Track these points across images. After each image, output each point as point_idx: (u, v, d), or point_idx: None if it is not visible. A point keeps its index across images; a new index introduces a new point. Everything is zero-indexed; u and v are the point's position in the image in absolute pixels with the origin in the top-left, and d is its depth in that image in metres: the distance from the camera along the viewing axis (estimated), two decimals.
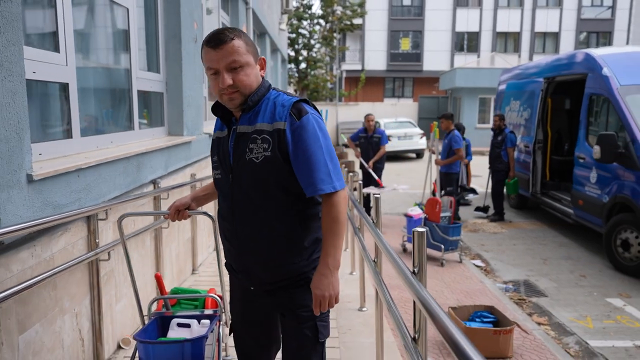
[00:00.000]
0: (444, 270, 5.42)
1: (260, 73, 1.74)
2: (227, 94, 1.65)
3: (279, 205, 1.69)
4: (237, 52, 1.61)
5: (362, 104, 24.00)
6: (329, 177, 1.63)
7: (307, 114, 1.66)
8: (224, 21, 7.16)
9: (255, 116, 1.70)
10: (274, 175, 1.65)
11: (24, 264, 2.05)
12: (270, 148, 1.63)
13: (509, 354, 3.44)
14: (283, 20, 15.05)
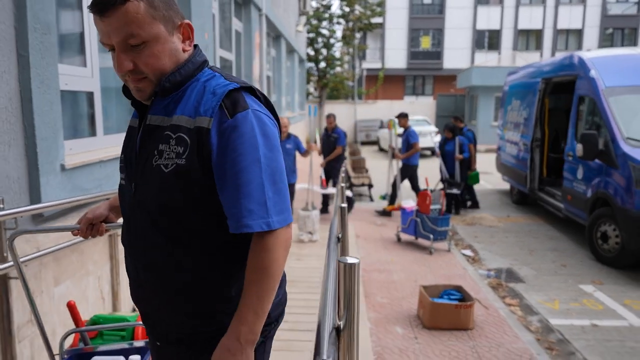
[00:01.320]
0: (432, 257, 5.90)
1: (183, 46, 1.23)
2: (132, 82, 1.19)
3: (195, 237, 1.21)
4: (134, 22, 1.11)
5: (381, 102, 24.40)
6: (263, 207, 1.13)
7: (246, 110, 1.16)
8: (237, 28, 7.76)
9: (175, 104, 1.21)
10: (188, 193, 1.17)
11: (58, 233, 2.67)
12: (186, 154, 1.15)
13: (469, 325, 3.92)
14: (300, 22, 15.60)
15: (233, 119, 1.15)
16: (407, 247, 6.36)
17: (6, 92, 2.29)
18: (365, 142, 22.96)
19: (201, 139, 1.16)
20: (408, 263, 5.68)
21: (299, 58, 16.38)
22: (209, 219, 1.21)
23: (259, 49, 8.89)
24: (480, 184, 11.58)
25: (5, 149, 2.29)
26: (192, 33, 1.27)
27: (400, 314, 4.23)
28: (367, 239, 6.72)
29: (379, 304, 4.44)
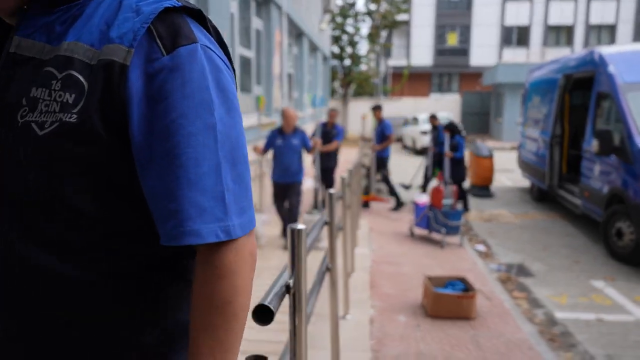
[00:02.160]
0: (443, 251, 5.98)
1: None
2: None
3: (94, 246, 0.75)
4: None
5: (405, 99, 24.34)
6: (220, 204, 0.71)
7: (194, 44, 0.73)
8: (257, 26, 7.98)
9: (65, 24, 0.75)
10: (79, 176, 0.72)
11: None
12: (80, 106, 0.70)
13: (471, 315, 4.01)
14: (324, 19, 15.76)
15: (171, 55, 0.70)
16: (420, 241, 6.45)
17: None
18: None
19: (111, 82, 0.69)
20: (418, 256, 5.78)
21: (323, 56, 16.54)
22: (119, 222, 0.75)
23: (280, 47, 9.09)
24: (501, 181, 11.52)
25: None
26: None
27: (406, 304, 4.35)
28: (381, 233, 6.83)
29: (385, 294, 4.56)
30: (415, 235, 6.63)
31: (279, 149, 5.67)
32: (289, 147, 5.66)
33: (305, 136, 5.87)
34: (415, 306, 4.29)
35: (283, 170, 5.66)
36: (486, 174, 9.71)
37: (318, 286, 1.90)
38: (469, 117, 23.50)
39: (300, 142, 5.77)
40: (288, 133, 5.71)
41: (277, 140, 5.69)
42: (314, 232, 1.91)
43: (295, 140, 5.71)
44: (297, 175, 5.79)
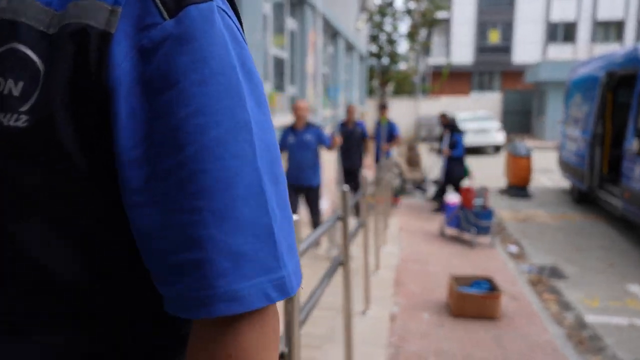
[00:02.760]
0: (473, 251, 5.93)
1: None
2: None
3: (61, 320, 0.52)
4: None
5: (444, 98, 23.99)
6: (268, 244, 0.46)
7: (209, 3, 0.47)
8: (291, 27, 8.11)
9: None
10: (34, 202, 0.46)
11: None
12: (33, 101, 0.44)
13: (496, 315, 3.99)
14: (361, 18, 15.77)
15: (176, 19, 0.46)
16: (450, 241, 6.41)
17: None
18: (426, 138, 22.72)
19: (84, 62, 0.45)
20: (447, 256, 5.76)
21: (360, 55, 16.55)
22: (94, 271, 0.51)
23: (314, 47, 9.20)
24: (541, 182, 11.23)
25: None
26: None
27: (430, 302, 4.36)
28: (411, 232, 6.83)
29: (411, 292, 4.59)
30: (446, 235, 6.60)
31: (291, 148, 5.03)
32: (302, 145, 5.00)
33: (320, 132, 5.14)
34: (440, 305, 4.30)
35: (296, 169, 5.03)
36: (523, 173, 9.50)
37: (327, 279, 1.98)
38: (510, 116, 22.93)
39: (315, 139, 5.07)
40: (300, 129, 5.05)
41: (289, 138, 5.06)
42: (325, 225, 1.99)
43: (308, 136, 5.03)
44: (313, 176, 5.09)
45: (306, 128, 5.07)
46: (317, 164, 5.12)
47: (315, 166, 5.10)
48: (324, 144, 5.12)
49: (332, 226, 2.01)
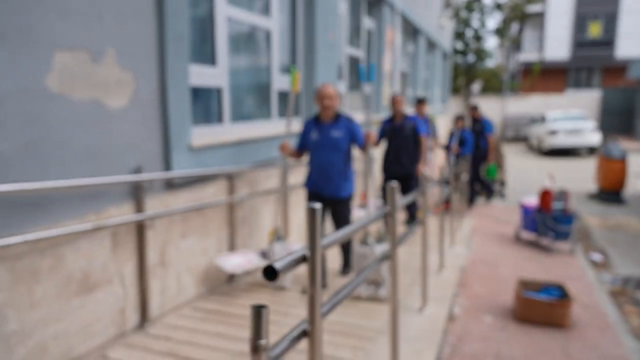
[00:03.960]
0: (549, 257, 5.63)
1: None
2: None
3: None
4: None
5: (534, 96, 22.66)
6: None
7: None
8: (368, 26, 8.17)
9: None
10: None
11: (185, 197, 3.39)
12: None
13: (565, 324, 3.79)
14: (445, 15, 15.38)
15: None
16: (525, 245, 6.13)
17: (149, 89, 3.03)
18: (513, 139, 21.65)
19: None
20: (520, 260, 5.52)
21: (443, 52, 16.16)
22: None
23: (391, 45, 9.17)
24: (638, 188, 10.29)
25: (147, 131, 3.04)
26: None
27: (495, 305, 4.24)
28: (484, 235, 6.62)
29: (475, 294, 4.48)
30: (521, 239, 6.32)
31: (314, 146, 3.88)
32: (327, 142, 3.82)
33: (354, 126, 3.88)
34: (505, 309, 4.17)
35: (319, 174, 3.86)
36: (616, 177, 8.78)
37: (369, 271, 2.05)
38: (608, 115, 21.15)
39: (347, 135, 3.85)
40: (326, 122, 3.87)
41: (311, 133, 3.90)
42: (370, 218, 2.06)
43: (336, 132, 3.83)
44: (340, 186, 3.87)
45: (335, 121, 3.87)
46: (347, 167, 3.94)
47: (345, 170, 3.92)
48: (356, 141, 3.90)
49: (377, 220, 2.07)
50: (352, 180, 3.99)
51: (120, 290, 2.94)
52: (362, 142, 3.89)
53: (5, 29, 2.14)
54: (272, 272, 1.17)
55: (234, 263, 3.73)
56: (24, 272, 2.32)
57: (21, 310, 2.32)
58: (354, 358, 2.74)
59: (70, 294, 2.58)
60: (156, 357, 2.75)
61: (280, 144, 3.99)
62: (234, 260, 3.77)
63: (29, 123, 2.29)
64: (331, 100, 3.82)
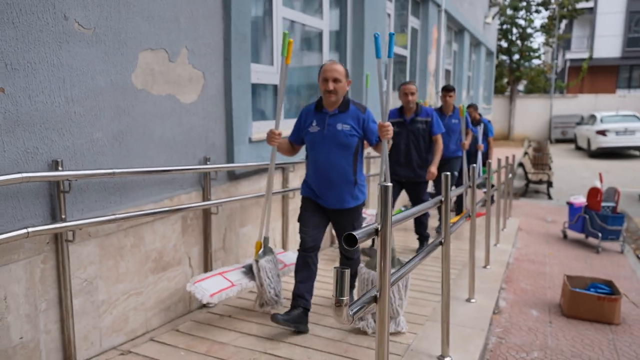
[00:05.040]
0: (597, 256, 5.58)
1: None
2: None
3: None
4: None
5: (582, 95, 21.96)
6: None
7: None
8: (413, 25, 8.25)
9: None
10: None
11: (245, 187, 3.64)
12: None
13: (614, 320, 3.80)
14: (490, 14, 15.19)
15: None
16: (572, 244, 6.08)
17: (215, 85, 3.28)
18: (560, 139, 21.09)
19: None
20: (567, 259, 5.50)
21: (487, 51, 15.96)
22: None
23: (436, 44, 9.21)
24: None
25: (213, 124, 3.30)
26: None
27: (541, 301, 4.28)
28: (530, 233, 6.60)
29: (521, 289, 4.53)
30: (569, 238, 6.27)
31: (313, 141, 2.99)
32: (330, 137, 2.92)
33: (367, 117, 2.99)
34: (551, 304, 4.21)
35: (318, 180, 3.00)
36: None
37: (423, 253, 2.21)
38: None
39: (356, 129, 2.94)
40: (330, 110, 2.96)
41: (310, 125, 3.01)
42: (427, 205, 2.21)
43: (343, 123, 2.92)
44: (345, 195, 2.99)
45: (345, 110, 2.97)
46: (360, 170, 3.07)
47: (352, 173, 3.01)
48: (368, 137, 3.02)
49: (431, 208, 2.22)
50: (362, 187, 3.06)
51: (188, 270, 3.20)
52: (376, 139, 2.97)
53: (101, 32, 2.42)
54: (353, 240, 1.36)
55: (208, 289, 2.92)
56: (111, 248, 2.60)
57: (109, 283, 2.60)
58: (407, 341, 2.89)
59: (148, 271, 2.86)
60: (221, 332, 2.99)
61: (268, 132, 3.05)
62: (209, 285, 2.95)
63: (117, 115, 2.56)
64: (337, 83, 2.85)
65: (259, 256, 3.17)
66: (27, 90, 2.10)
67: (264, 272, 3.14)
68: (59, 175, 2.17)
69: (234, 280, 3.10)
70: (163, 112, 2.86)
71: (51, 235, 2.24)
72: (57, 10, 2.18)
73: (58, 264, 2.28)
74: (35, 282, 2.21)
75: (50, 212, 2.24)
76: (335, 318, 1.30)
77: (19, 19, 2.03)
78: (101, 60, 2.43)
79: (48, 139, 2.20)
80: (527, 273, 4.99)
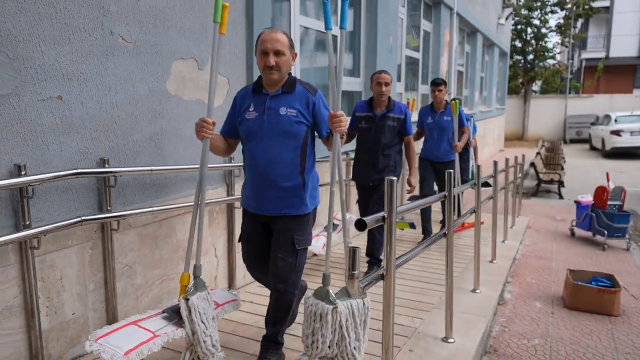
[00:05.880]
0: (603, 253, 5.76)
1: None
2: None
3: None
4: None
5: (597, 95, 21.88)
6: None
7: None
8: (425, 28, 8.48)
9: None
10: None
11: None
12: None
13: (613, 312, 4.00)
14: (504, 14, 15.30)
15: None
16: (579, 241, 6.26)
17: (238, 90, 3.57)
18: (575, 139, 21.05)
19: None
20: (573, 255, 5.69)
21: (500, 51, 16.07)
22: None
23: (448, 46, 9.42)
24: None
25: None
26: None
27: (545, 294, 4.50)
28: (539, 231, 6.79)
29: (527, 283, 4.75)
30: (576, 236, 6.45)
31: (249, 131, 2.42)
32: (270, 124, 2.36)
33: (317, 100, 2.43)
34: (555, 297, 4.42)
35: (255, 180, 2.44)
36: None
37: (427, 243, 2.47)
38: None
39: (304, 114, 2.39)
40: (271, 90, 2.40)
41: (246, 111, 2.44)
42: (432, 199, 2.46)
43: (287, 107, 2.37)
44: (290, 199, 2.40)
45: (288, 91, 2.39)
46: (300, 169, 2.42)
47: (295, 173, 2.41)
48: (318, 128, 2.45)
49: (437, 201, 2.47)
50: (314, 190, 2.49)
51: (214, 260, 3.50)
52: (327, 130, 2.37)
53: (141, 45, 2.72)
54: (363, 224, 1.62)
55: (120, 345, 2.06)
56: (148, 237, 2.90)
57: (146, 268, 2.90)
58: (413, 324, 3.15)
59: (178, 259, 3.16)
60: (245, 315, 3.29)
61: (197, 122, 2.31)
62: (119, 340, 2.09)
63: (154, 118, 2.86)
64: (280, 57, 2.28)
65: (189, 292, 2.28)
66: (79, 97, 2.41)
67: (196, 315, 2.26)
68: (106, 171, 2.48)
69: (155, 329, 2.22)
70: (193, 115, 3.15)
71: (99, 224, 2.55)
72: (104, 27, 2.49)
73: (104, 250, 2.59)
74: (85, 266, 2.52)
75: (98, 204, 2.55)
76: (349, 289, 1.57)
77: (74, 36, 2.34)
78: (140, 70, 2.73)
79: (97, 140, 2.51)
80: (533, 268, 5.20)
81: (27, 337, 2.27)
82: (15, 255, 2.17)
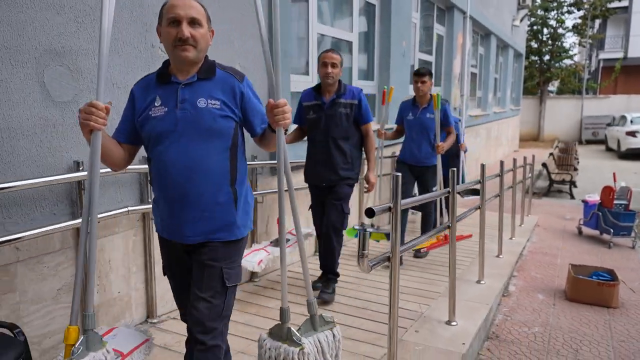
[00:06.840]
0: (609, 251, 5.96)
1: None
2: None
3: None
4: None
5: (614, 96, 21.80)
6: None
7: None
8: (438, 32, 8.72)
9: None
10: None
11: None
12: None
13: (612, 304, 4.24)
14: (519, 16, 15.41)
15: None
16: (586, 240, 6.47)
17: (261, 94, 3.90)
18: (591, 140, 21.01)
19: None
20: (579, 253, 5.91)
21: (515, 52, 16.17)
22: None
23: (462, 49, 9.64)
24: None
25: None
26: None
27: (548, 287, 4.74)
28: (547, 229, 7.00)
29: (531, 277, 4.99)
30: (584, 235, 6.65)
31: (158, 131, 1.84)
32: (187, 120, 1.81)
33: (245, 87, 1.94)
34: (557, 290, 4.66)
35: (167, 192, 1.87)
36: None
37: (430, 233, 2.77)
38: None
39: (230, 105, 1.87)
40: (184, 77, 1.86)
41: (152, 105, 1.88)
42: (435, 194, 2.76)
43: (207, 98, 1.83)
44: (215, 216, 1.84)
45: (205, 75, 1.89)
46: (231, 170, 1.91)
47: (224, 176, 1.89)
48: (251, 125, 1.97)
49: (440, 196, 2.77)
50: (247, 205, 1.99)
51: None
52: (262, 125, 1.95)
53: None
54: (372, 212, 1.92)
55: None
56: None
57: None
58: (420, 310, 3.44)
59: None
60: (265, 299, 3.61)
61: (82, 108, 1.70)
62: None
63: None
64: (196, 29, 1.80)
65: (75, 354, 1.63)
66: (125, 103, 2.75)
67: None
68: (146, 168, 2.82)
69: None
70: None
71: (140, 214, 2.90)
72: (147, 41, 2.83)
73: (145, 237, 2.93)
74: (129, 251, 2.86)
75: (140, 197, 2.89)
76: (359, 267, 1.87)
77: (122, 50, 2.69)
78: None
79: None
80: (539, 263, 5.44)
81: None
82: (73, 240, 2.53)
